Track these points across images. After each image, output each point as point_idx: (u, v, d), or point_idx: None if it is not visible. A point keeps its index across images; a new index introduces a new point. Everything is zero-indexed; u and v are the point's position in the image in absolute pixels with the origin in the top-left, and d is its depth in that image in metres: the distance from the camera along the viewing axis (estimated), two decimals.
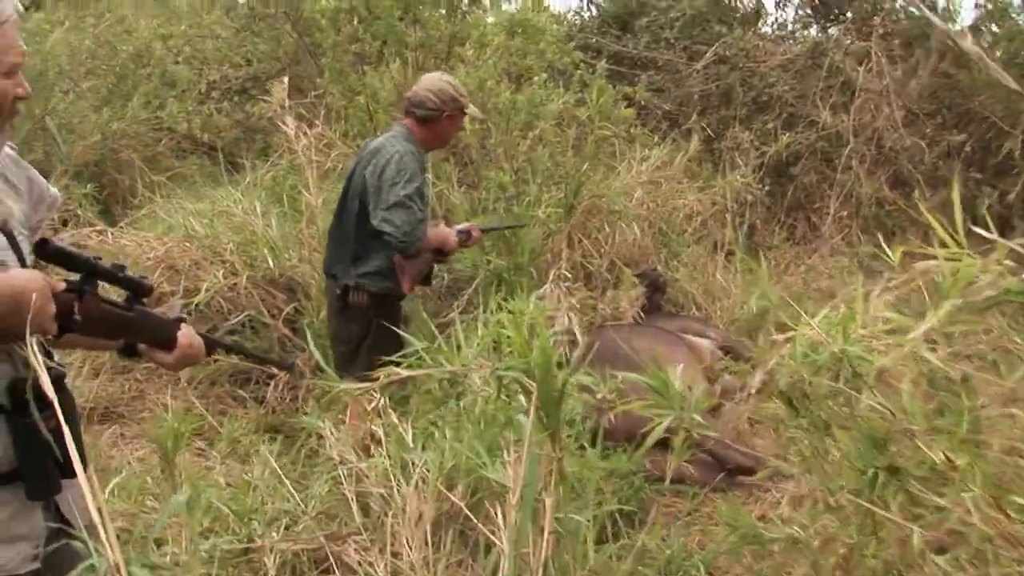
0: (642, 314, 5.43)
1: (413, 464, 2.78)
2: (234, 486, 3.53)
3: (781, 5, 10.04)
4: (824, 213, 8.15)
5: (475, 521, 2.53)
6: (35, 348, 1.47)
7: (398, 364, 2.23)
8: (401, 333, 3.27)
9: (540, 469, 2.17)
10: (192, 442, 4.62)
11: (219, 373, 4.99)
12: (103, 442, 4.64)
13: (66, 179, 7.43)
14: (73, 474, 1.43)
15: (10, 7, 1.64)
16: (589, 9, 11.19)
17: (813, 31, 9.80)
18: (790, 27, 10.09)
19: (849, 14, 9.32)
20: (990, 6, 8.59)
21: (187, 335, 1.99)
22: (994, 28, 8.70)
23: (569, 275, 5.31)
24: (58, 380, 1.64)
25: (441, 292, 5.26)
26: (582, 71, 7.07)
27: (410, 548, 2.58)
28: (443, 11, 6.50)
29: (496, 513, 2.39)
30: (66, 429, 1.44)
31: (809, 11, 9.87)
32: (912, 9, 8.74)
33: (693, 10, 9.42)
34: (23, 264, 1.73)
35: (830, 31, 9.60)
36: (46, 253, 1.64)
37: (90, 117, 7.83)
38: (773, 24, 10.18)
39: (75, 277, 1.70)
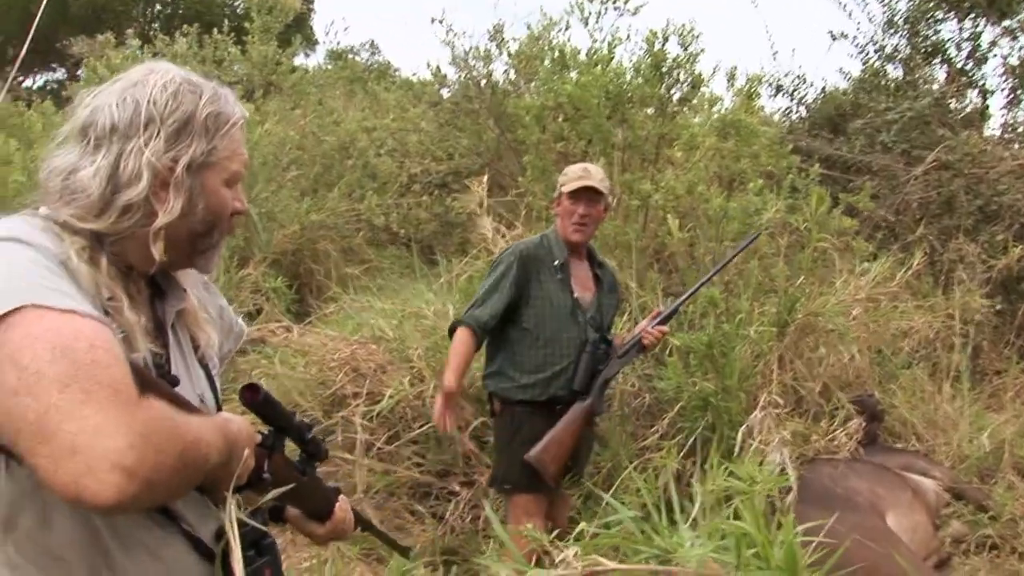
0: (860, 448, 4.87)
1: None
2: None
3: (1010, 105, 9.33)
4: None
5: None
6: (233, 507, 1.35)
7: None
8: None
9: None
10: (362, 561, 4.38)
11: (398, 484, 4.71)
12: None
13: (263, 267, 7.47)
14: None
15: (241, 111, 1.48)
16: (798, 110, 10.79)
17: None
18: (1021, 129, 9.35)
19: None
20: None
21: (344, 508, 1.82)
22: None
23: (781, 400, 4.84)
24: (262, 538, 1.49)
25: (641, 412, 4.86)
26: (793, 176, 6.63)
27: None
28: (651, 110, 6.21)
29: None
30: None
31: None
32: None
33: (914, 112, 8.83)
34: (217, 399, 1.58)
35: None
36: (255, 402, 1.49)
37: (291, 207, 7.89)
38: (1001, 126, 9.47)
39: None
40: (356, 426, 4.72)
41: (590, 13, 6.98)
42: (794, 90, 10.70)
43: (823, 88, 10.74)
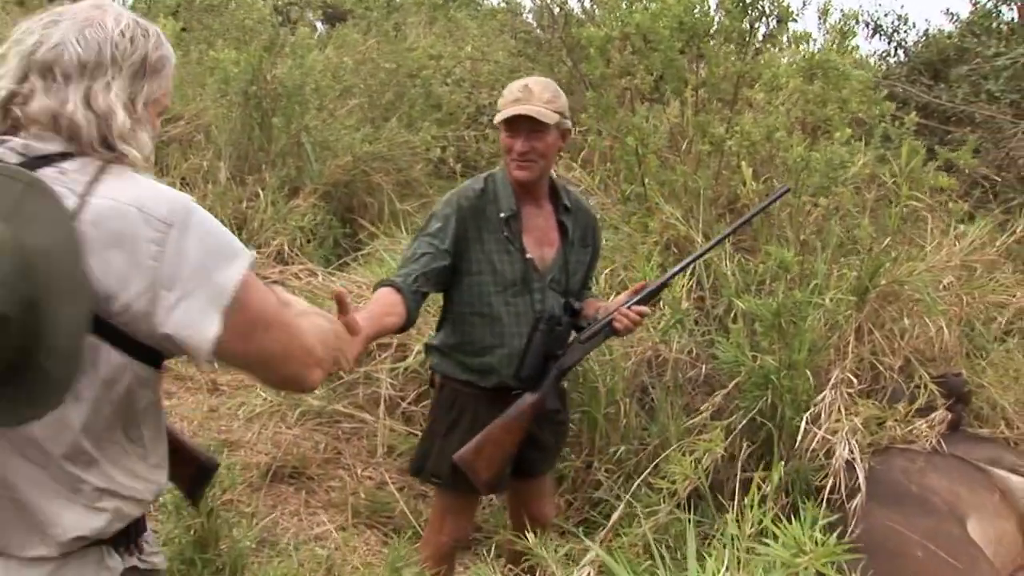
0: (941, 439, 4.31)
1: None
2: None
3: None
4: None
5: None
6: None
7: None
8: None
9: None
10: (377, 525, 4.04)
11: None
12: (288, 509, 4.11)
13: (314, 198, 7.12)
14: None
15: (172, 52, 1.66)
16: (896, 54, 10.09)
17: None
18: None
19: None
20: None
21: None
22: None
23: (854, 379, 4.31)
24: None
25: (697, 383, 4.37)
26: (886, 124, 5.99)
27: None
28: (733, 46, 5.61)
29: None
30: None
31: None
32: None
33: None
34: None
35: None
36: None
37: (346, 136, 7.49)
38: None
39: None
40: (381, 382, 4.33)
41: None
42: (893, 31, 10.04)
43: (926, 31, 10.05)
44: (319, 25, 13.48)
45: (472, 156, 8.73)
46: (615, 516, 3.64)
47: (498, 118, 2.94)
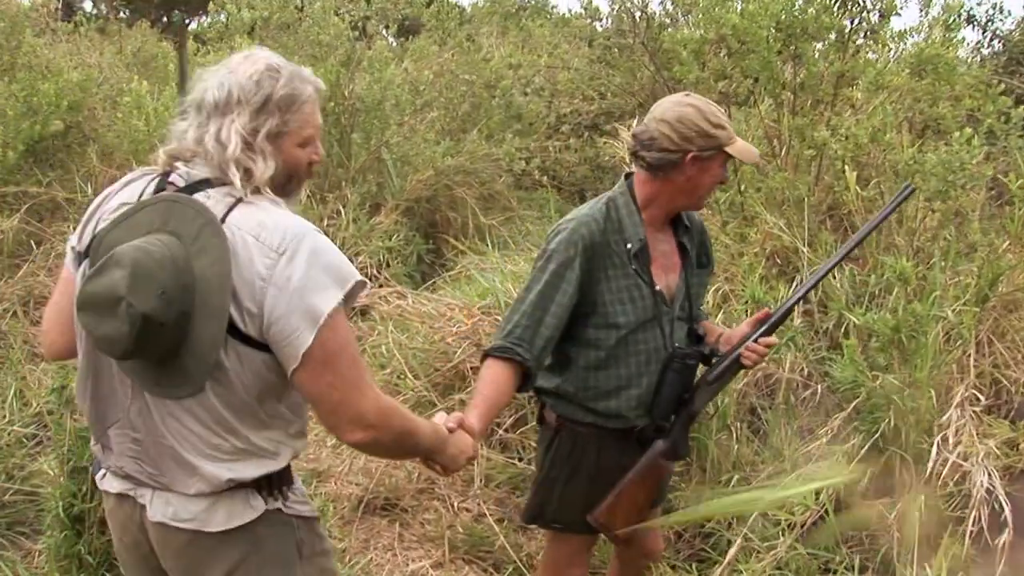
0: None
1: None
2: None
3: None
4: None
5: None
6: None
7: None
8: None
9: None
10: (475, 560, 3.84)
11: (522, 477, 4.10)
12: (381, 543, 3.94)
13: (396, 214, 7.00)
14: None
15: (310, 89, 1.93)
16: (992, 44, 9.65)
17: None
18: None
19: None
20: None
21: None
22: None
23: (980, 396, 4.01)
24: None
25: (812, 405, 4.11)
26: (992, 121, 5.64)
27: None
28: (832, 44, 5.33)
29: None
30: None
31: None
32: None
33: None
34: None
35: None
36: None
37: (426, 151, 7.36)
38: None
39: None
40: None
41: None
42: (988, 21, 9.61)
43: (1022, 19, 9.61)
44: (391, 40, 13.45)
45: (552, 166, 8.56)
46: (732, 551, 3.40)
47: (736, 147, 2.58)
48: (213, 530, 1.89)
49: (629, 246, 2.60)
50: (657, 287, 2.65)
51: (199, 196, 1.82)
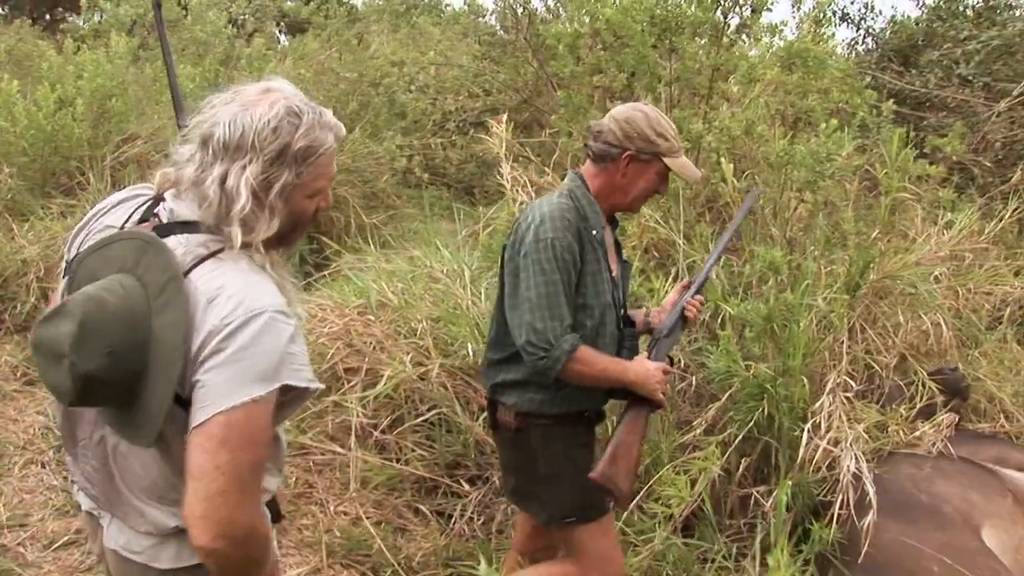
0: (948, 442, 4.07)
1: None
2: None
3: None
4: None
5: None
6: None
7: None
8: None
9: None
10: (353, 565, 3.76)
11: (399, 479, 4.03)
12: None
13: None
14: None
15: (331, 139, 1.79)
16: (865, 41, 9.97)
17: None
18: None
19: None
20: None
21: None
22: None
23: (852, 382, 4.09)
24: None
25: (687, 396, 4.14)
26: (864, 114, 5.79)
27: None
28: (704, 40, 5.40)
29: None
30: None
31: None
32: None
33: (1001, 40, 7.88)
34: None
35: None
36: None
37: None
38: None
39: None
40: (351, 411, 4.04)
41: None
42: (861, 19, 9.90)
43: (893, 17, 9.93)
44: (282, 37, 13.21)
45: (442, 163, 8.51)
46: None
47: (675, 159, 2.82)
48: (162, 567, 1.84)
49: (595, 232, 2.78)
50: (612, 272, 2.87)
51: (173, 240, 1.71)
